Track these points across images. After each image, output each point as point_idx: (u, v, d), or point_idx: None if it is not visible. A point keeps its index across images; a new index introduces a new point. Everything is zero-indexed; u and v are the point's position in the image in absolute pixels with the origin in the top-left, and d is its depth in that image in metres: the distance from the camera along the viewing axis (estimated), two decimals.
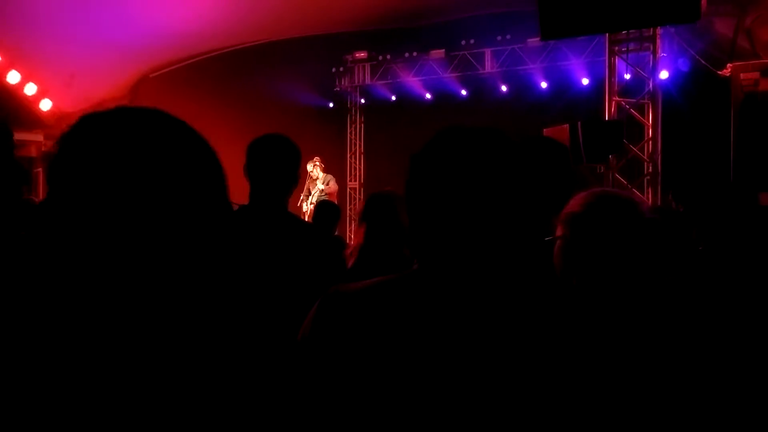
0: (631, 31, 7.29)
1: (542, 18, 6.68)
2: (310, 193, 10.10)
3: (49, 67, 11.08)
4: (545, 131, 6.91)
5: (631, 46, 7.46)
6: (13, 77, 10.74)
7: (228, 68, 12.97)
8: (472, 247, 1.10)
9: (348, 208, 14.11)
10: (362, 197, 14.23)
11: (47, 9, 9.90)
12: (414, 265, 1.17)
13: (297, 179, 2.67)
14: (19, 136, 7.43)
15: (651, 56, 7.44)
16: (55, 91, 11.39)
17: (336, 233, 5.56)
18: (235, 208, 4.40)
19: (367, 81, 13.71)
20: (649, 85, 7.35)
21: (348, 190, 14.25)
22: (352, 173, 14.41)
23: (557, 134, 6.72)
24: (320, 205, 4.98)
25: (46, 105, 11.26)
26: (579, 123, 6.63)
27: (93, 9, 10.20)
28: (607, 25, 6.68)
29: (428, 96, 13.57)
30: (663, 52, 7.95)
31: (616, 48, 7.27)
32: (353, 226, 13.99)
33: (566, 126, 6.71)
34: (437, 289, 1.10)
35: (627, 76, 8.00)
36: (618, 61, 7.37)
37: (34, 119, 11.18)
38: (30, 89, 11.01)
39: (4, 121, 1.75)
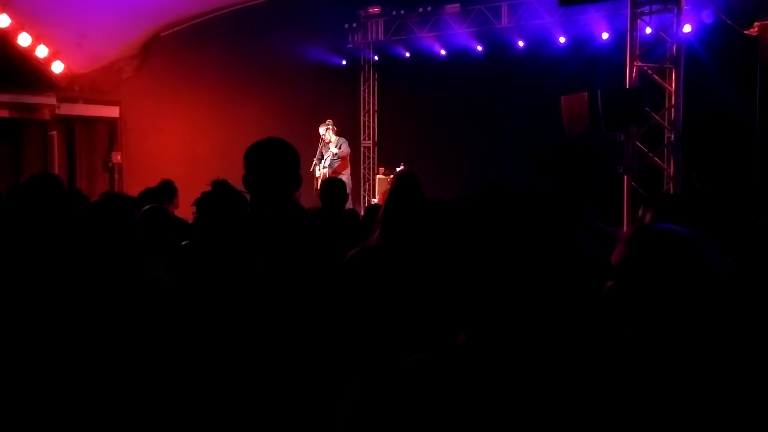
0: None
1: None
2: (322, 157, 10.01)
3: (60, 29, 10.94)
4: (563, 99, 6.75)
5: (654, 8, 7.20)
6: (24, 40, 10.61)
7: (239, 26, 12.76)
8: (526, 319, 1.08)
9: (362, 167, 14.03)
10: (376, 156, 14.13)
11: None
12: (461, 335, 1.15)
13: (299, 182, 2.60)
14: (31, 99, 7.42)
15: (674, 18, 7.18)
16: (66, 52, 11.26)
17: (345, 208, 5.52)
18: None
19: (381, 37, 13.45)
20: (672, 49, 7.11)
21: (362, 149, 14.15)
22: (366, 132, 14.28)
23: (575, 102, 6.56)
24: (325, 185, 4.91)
25: (58, 67, 11.14)
26: (598, 91, 6.46)
27: None
28: None
29: (443, 52, 13.32)
30: (686, 6, 7.66)
31: (638, 10, 7.02)
32: (367, 186, 13.93)
33: (585, 94, 6.54)
34: (492, 368, 1.08)
35: (648, 30, 7.75)
36: (640, 24, 7.13)
37: (46, 81, 11.09)
38: (41, 51, 10.88)
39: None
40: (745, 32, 7.35)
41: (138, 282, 2.89)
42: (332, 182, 5.04)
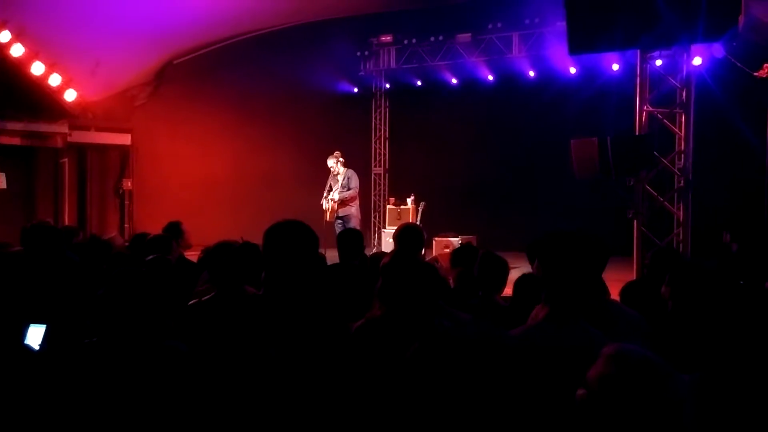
0: None
1: (570, 32, 6.45)
2: (331, 189, 9.98)
3: (73, 57, 11.05)
4: (573, 143, 6.72)
5: (664, 53, 7.18)
6: (37, 68, 10.73)
7: (252, 53, 12.85)
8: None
9: (372, 194, 14.03)
10: (387, 183, 14.13)
11: None
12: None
13: (315, 264, 2.62)
14: (43, 127, 7.56)
15: (684, 64, 7.16)
16: (79, 80, 11.37)
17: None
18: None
19: (393, 65, 13.49)
20: (681, 94, 7.08)
21: (373, 175, 14.16)
22: (377, 159, 14.29)
23: (585, 146, 6.53)
24: (342, 237, 4.88)
25: (70, 95, 11.25)
26: (608, 138, 6.44)
27: None
28: (637, 42, 6.45)
29: (454, 81, 13.35)
30: (695, 48, 7.64)
31: (647, 55, 7.00)
32: (378, 214, 13.92)
33: (595, 140, 6.51)
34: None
35: (659, 63, 7.72)
36: (650, 69, 7.11)
37: (58, 110, 11.19)
38: (54, 80, 11.00)
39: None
40: (755, 74, 7.31)
41: None
42: (348, 234, 5.00)
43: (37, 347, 3.40)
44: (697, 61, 8.20)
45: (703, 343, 2.52)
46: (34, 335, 3.50)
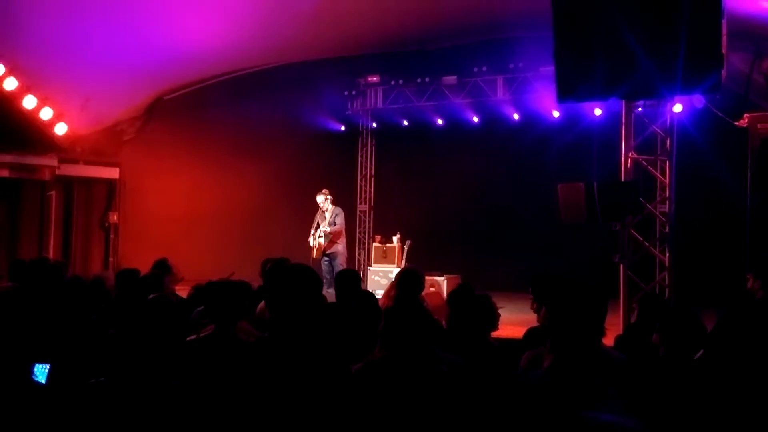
0: None
1: (559, 80, 6.68)
2: (318, 226, 10.12)
3: (65, 91, 11.13)
4: (560, 187, 6.89)
5: (648, 103, 7.44)
6: (29, 102, 10.79)
7: (241, 91, 13.01)
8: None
9: (357, 231, 14.14)
10: (372, 220, 14.27)
11: (63, 34, 9.97)
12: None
13: (319, 307, 2.69)
14: (32, 160, 7.56)
15: (668, 114, 7.42)
16: (70, 114, 11.43)
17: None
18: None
19: (379, 105, 13.71)
20: (666, 143, 7.33)
21: (358, 212, 14.29)
22: (362, 196, 14.43)
23: (572, 191, 6.71)
24: (339, 278, 4.97)
25: (61, 129, 11.31)
26: (594, 183, 6.63)
27: (108, 33, 10.26)
28: (625, 93, 6.68)
29: (440, 122, 13.59)
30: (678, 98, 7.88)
31: (632, 104, 7.25)
32: (363, 252, 14.02)
33: (581, 185, 6.69)
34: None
35: (640, 109, 7.95)
36: (634, 117, 7.35)
37: (48, 143, 11.24)
38: (46, 113, 11.05)
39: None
40: (736, 123, 7.58)
41: None
42: (347, 274, 5.09)
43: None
44: (677, 108, 8.44)
45: (700, 390, 2.61)
46: (39, 374, 3.52)
